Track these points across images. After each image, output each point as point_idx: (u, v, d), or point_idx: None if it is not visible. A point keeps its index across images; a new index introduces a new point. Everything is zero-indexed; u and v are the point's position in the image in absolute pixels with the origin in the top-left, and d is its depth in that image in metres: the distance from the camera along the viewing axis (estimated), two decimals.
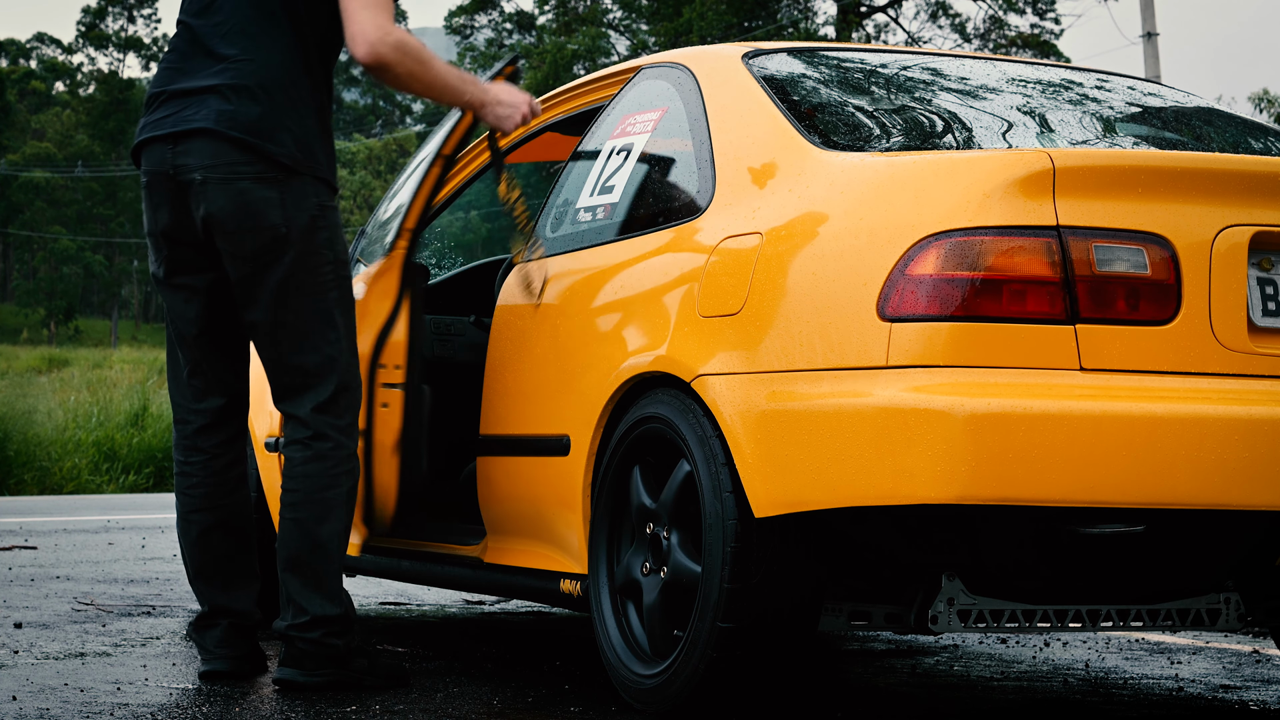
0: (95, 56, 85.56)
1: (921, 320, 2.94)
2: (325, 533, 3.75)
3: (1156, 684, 4.25)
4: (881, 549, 3.23)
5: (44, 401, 16.75)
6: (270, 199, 3.65)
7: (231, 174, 3.64)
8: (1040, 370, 2.92)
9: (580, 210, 4.03)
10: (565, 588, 3.76)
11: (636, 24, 38.41)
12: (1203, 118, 4.00)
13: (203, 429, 3.89)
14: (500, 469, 4.05)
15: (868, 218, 3.10)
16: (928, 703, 3.87)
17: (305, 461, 3.75)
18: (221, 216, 3.65)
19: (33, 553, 7.46)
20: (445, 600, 6.07)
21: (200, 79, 3.70)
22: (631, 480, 3.56)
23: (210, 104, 3.66)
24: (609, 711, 3.56)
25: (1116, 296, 2.97)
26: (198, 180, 3.66)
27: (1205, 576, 3.28)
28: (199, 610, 3.93)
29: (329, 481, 3.76)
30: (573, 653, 4.58)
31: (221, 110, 3.65)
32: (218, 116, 3.65)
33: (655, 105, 3.93)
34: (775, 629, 3.25)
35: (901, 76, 3.91)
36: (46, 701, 3.53)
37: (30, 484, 13.83)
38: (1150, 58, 22.59)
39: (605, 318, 3.70)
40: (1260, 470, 2.91)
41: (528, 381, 3.96)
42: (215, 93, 3.67)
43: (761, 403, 3.16)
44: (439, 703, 3.63)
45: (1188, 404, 2.92)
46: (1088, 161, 3.03)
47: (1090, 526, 2.98)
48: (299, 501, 3.75)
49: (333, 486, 3.76)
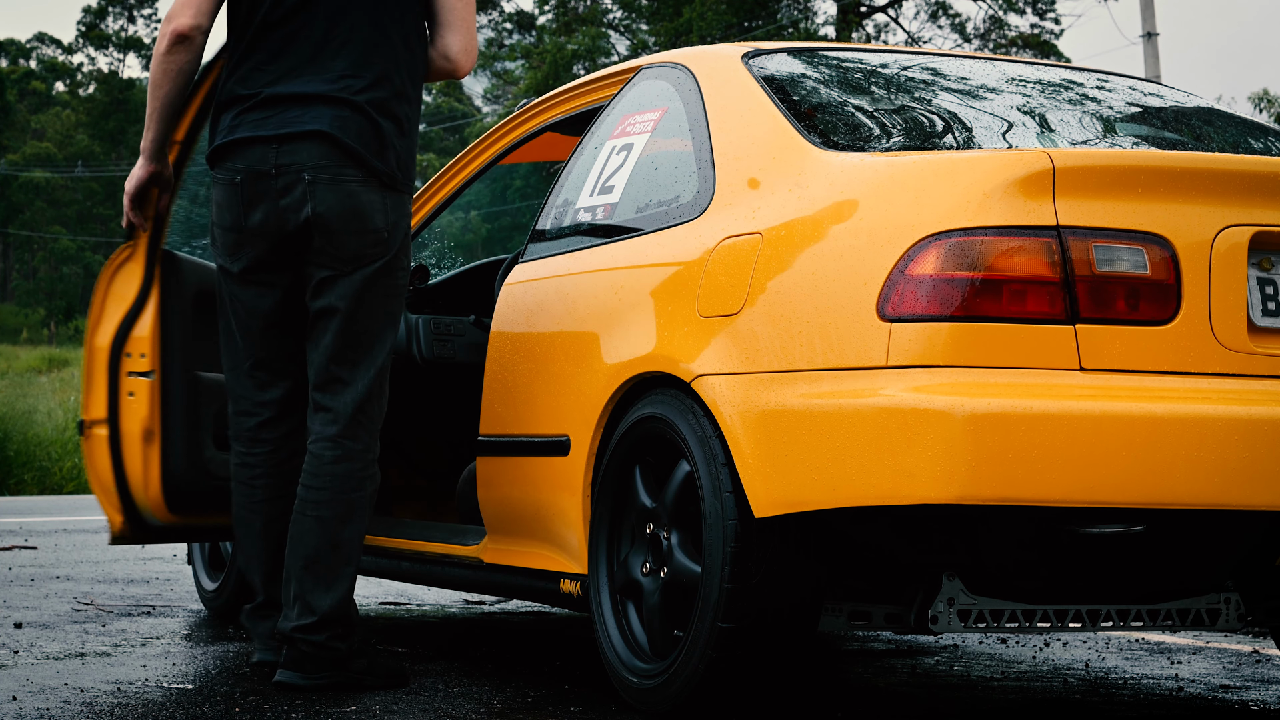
0: (95, 56, 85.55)
1: (921, 320, 2.94)
2: (347, 533, 3.77)
3: (1156, 684, 4.25)
4: (881, 549, 3.23)
5: (44, 401, 16.76)
6: (375, 203, 3.76)
7: (339, 176, 3.73)
8: (1040, 370, 2.92)
9: (580, 210, 4.03)
10: (565, 588, 3.76)
11: (636, 24, 38.41)
12: (1203, 118, 4.00)
13: (266, 421, 3.96)
14: (500, 469, 4.05)
15: (867, 218, 3.10)
16: (928, 703, 3.87)
17: (336, 461, 3.79)
18: (330, 216, 3.74)
19: (33, 553, 7.46)
20: (445, 600, 6.07)
21: (307, 85, 3.77)
22: (631, 480, 3.56)
23: (321, 111, 3.75)
24: (609, 711, 3.56)
25: (1116, 296, 2.97)
26: (306, 180, 3.73)
27: (1205, 576, 3.28)
28: (257, 600, 4.03)
29: (356, 484, 3.79)
30: (573, 653, 4.58)
31: (336, 116, 3.74)
32: (331, 121, 3.73)
33: (655, 105, 3.93)
34: (775, 629, 3.25)
35: (901, 76, 3.91)
36: (46, 701, 3.53)
37: (30, 484, 13.83)
38: (1150, 58, 22.59)
39: (605, 318, 3.70)
40: (1260, 470, 2.91)
41: (528, 382, 3.96)
42: (326, 101, 3.76)
43: (761, 403, 3.16)
44: (439, 703, 3.63)
45: (1188, 404, 2.92)
46: (1087, 161, 3.03)
47: (1090, 526, 2.98)
48: (325, 500, 3.77)
49: (359, 489, 3.80)
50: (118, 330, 4.20)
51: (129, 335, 4.20)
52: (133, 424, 4.19)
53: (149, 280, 4.22)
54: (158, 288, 4.22)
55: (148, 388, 4.19)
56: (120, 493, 4.21)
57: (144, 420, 4.18)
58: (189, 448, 4.21)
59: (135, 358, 4.19)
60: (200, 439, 4.25)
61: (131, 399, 4.19)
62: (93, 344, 4.23)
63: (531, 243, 4.19)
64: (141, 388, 4.18)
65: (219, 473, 4.29)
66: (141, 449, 4.18)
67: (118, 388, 4.20)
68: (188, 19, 3.86)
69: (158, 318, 4.21)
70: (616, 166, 3.93)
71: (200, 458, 4.25)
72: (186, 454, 4.21)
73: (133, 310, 4.21)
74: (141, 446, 4.18)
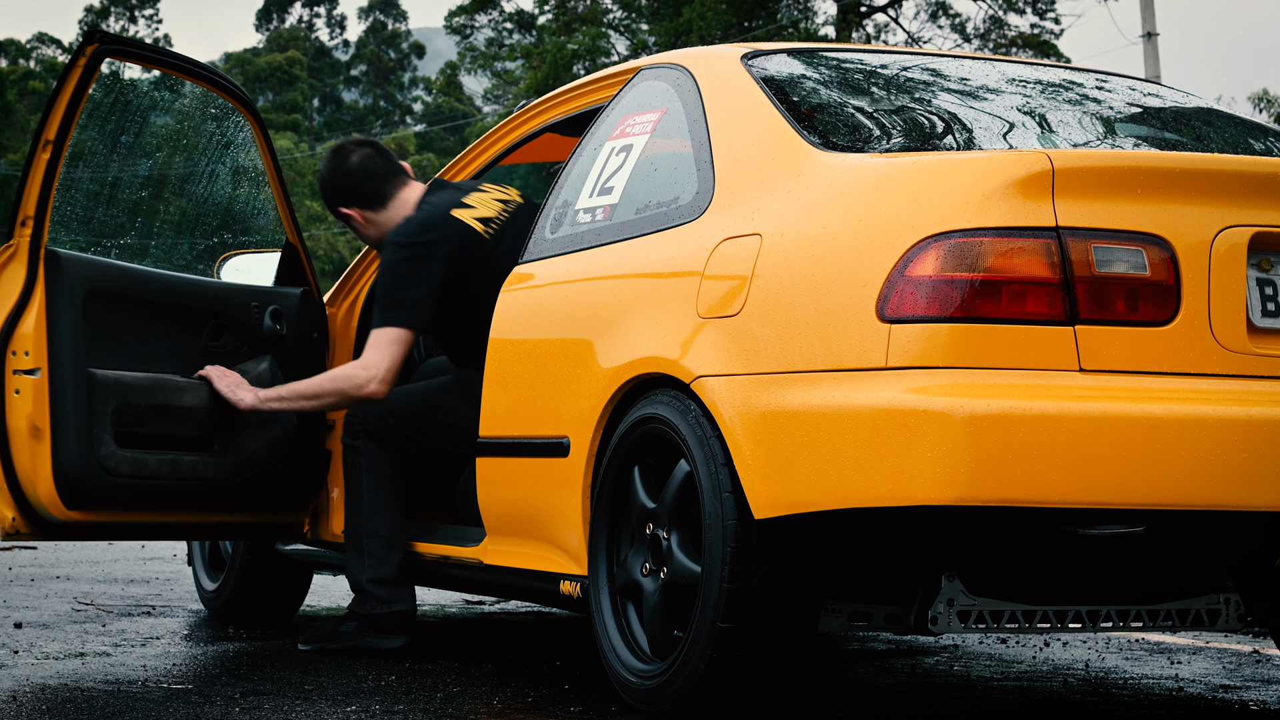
0: None
1: (921, 321, 2.94)
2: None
3: (1156, 684, 4.25)
4: (881, 550, 3.23)
5: None
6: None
7: None
8: (1039, 371, 2.92)
9: (580, 211, 4.03)
10: (565, 589, 3.76)
11: (636, 24, 38.38)
12: (1202, 118, 4.00)
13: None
14: (500, 470, 4.05)
15: (867, 219, 3.10)
16: (928, 703, 3.88)
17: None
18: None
19: (33, 553, 7.46)
20: (445, 600, 6.07)
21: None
22: (631, 481, 3.56)
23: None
24: (609, 711, 3.56)
25: (1116, 297, 2.97)
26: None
27: (1205, 577, 3.28)
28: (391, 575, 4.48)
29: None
30: (573, 653, 4.58)
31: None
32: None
33: (654, 106, 3.93)
34: (775, 629, 3.25)
35: (901, 77, 3.92)
36: (47, 701, 3.53)
37: None
38: (1150, 58, 22.60)
39: (604, 319, 3.70)
40: (1260, 471, 2.91)
41: (527, 383, 3.96)
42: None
43: (761, 404, 3.16)
44: (439, 703, 3.63)
45: (1187, 405, 2.92)
46: (1087, 162, 3.03)
47: (1090, 527, 2.98)
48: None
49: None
50: (1, 328, 4.21)
51: (13, 333, 4.22)
52: (18, 420, 4.21)
53: (32, 278, 4.23)
54: (42, 286, 4.23)
55: (33, 385, 4.20)
56: (10, 488, 4.22)
57: (29, 416, 4.20)
58: (82, 444, 4.21)
59: (20, 355, 4.21)
60: (96, 435, 4.24)
61: (16, 396, 4.21)
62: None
63: (531, 244, 4.19)
64: (26, 385, 4.20)
65: (118, 469, 4.28)
66: (29, 445, 4.20)
67: (2, 385, 4.22)
68: (380, 389, 4.38)
69: (43, 316, 4.22)
70: (616, 167, 3.93)
71: (96, 454, 4.24)
72: (80, 450, 4.21)
73: (16, 308, 4.22)
74: (28, 442, 4.20)
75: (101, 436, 4.25)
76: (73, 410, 4.22)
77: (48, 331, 4.22)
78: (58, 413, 4.22)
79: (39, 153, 4.30)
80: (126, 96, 4.72)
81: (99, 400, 4.26)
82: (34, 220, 4.25)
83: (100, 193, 5.06)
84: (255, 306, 4.70)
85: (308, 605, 5.76)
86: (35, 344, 4.21)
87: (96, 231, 5.52)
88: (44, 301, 4.23)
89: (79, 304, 4.27)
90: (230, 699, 3.63)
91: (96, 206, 5.25)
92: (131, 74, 5.08)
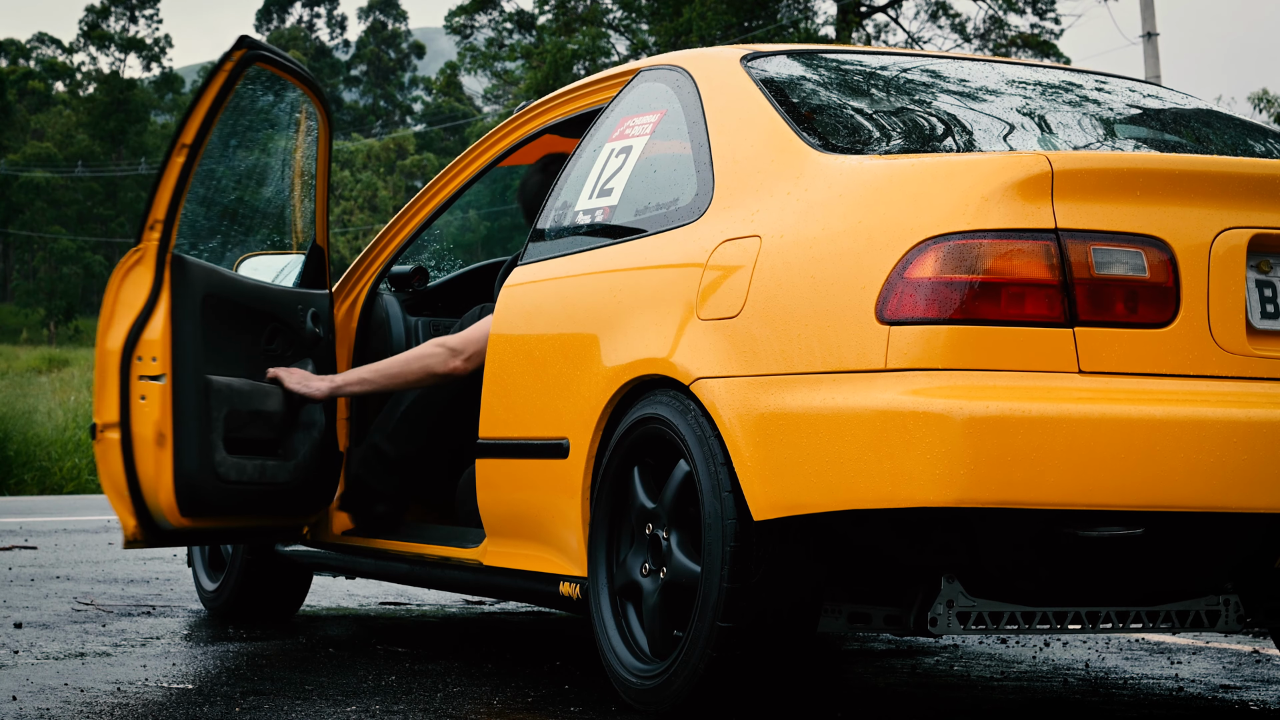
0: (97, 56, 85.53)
1: (920, 323, 2.94)
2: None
3: (1156, 684, 4.26)
4: (881, 551, 3.23)
5: (44, 401, 16.77)
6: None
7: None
8: (1039, 373, 2.93)
9: (579, 212, 4.03)
10: (565, 590, 3.77)
11: (636, 24, 38.38)
12: (1202, 119, 4.00)
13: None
14: (499, 472, 4.05)
15: (866, 220, 3.10)
16: (928, 703, 3.88)
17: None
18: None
19: (33, 553, 7.46)
20: (445, 600, 6.07)
21: None
22: (631, 482, 3.56)
23: None
24: (609, 711, 3.57)
25: (1115, 299, 2.97)
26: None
27: (1204, 578, 3.28)
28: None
29: None
30: (573, 653, 4.59)
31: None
32: None
33: (654, 108, 3.93)
34: (775, 629, 3.25)
35: (901, 79, 3.92)
36: (46, 701, 3.53)
37: (30, 484, 13.84)
38: (1150, 58, 22.59)
39: (604, 320, 3.71)
40: (1259, 472, 2.91)
41: (527, 384, 3.96)
42: None
43: (760, 406, 3.16)
44: (439, 703, 3.64)
45: (1186, 406, 2.92)
46: (1086, 164, 3.03)
47: (1089, 529, 2.98)
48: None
49: None
50: (128, 334, 4.21)
51: (139, 339, 4.22)
52: (144, 427, 4.21)
53: (159, 284, 4.23)
54: (168, 291, 4.23)
55: (159, 391, 4.20)
56: (132, 496, 4.22)
57: (156, 423, 4.20)
58: (201, 451, 4.23)
59: (146, 361, 4.21)
60: (212, 442, 4.26)
61: (143, 403, 4.20)
62: (104, 347, 4.24)
63: (531, 245, 4.19)
64: (153, 391, 4.20)
65: (230, 476, 4.30)
66: (153, 452, 4.20)
67: (129, 391, 4.21)
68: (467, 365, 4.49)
69: (169, 321, 4.22)
70: (615, 169, 3.93)
71: (211, 461, 4.26)
72: (199, 457, 4.23)
73: (143, 314, 4.22)
74: (153, 450, 4.20)
75: (216, 443, 4.27)
76: (194, 417, 4.24)
77: (171, 337, 4.22)
78: (180, 419, 4.22)
79: (174, 156, 4.29)
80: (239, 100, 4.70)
81: (214, 406, 4.28)
82: (163, 224, 4.25)
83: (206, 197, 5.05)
84: (300, 309, 4.73)
85: (308, 605, 5.77)
86: (161, 350, 4.21)
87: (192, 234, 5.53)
88: (169, 307, 4.24)
89: (199, 309, 4.28)
90: (230, 699, 3.63)
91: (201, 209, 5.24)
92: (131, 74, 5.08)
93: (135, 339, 4.21)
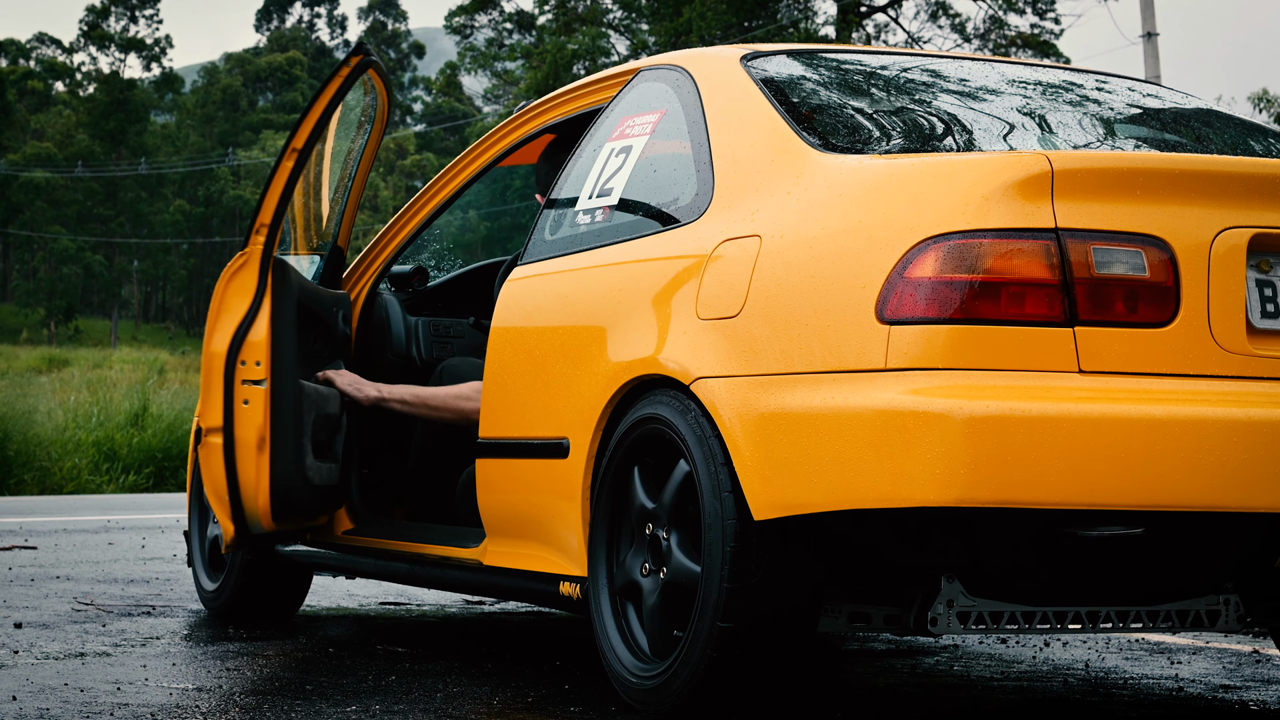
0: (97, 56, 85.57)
1: (920, 323, 2.94)
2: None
3: (1156, 684, 4.26)
4: (880, 551, 3.23)
5: (44, 401, 16.76)
6: None
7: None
8: (1039, 373, 2.93)
9: (579, 213, 4.03)
10: (565, 590, 3.77)
11: (636, 24, 38.39)
12: (1202, 119, 4.00)
13: None
14: (499, 472, 4.05)
15: (866, 220, 3.10)
16: (928, 703, 3.88)
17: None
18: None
19: (33, 553, 7.46)
20: (445, 600, 6.07)
21: None
22: (631, 481, 3.56)
23: None
24: (609, 711, 3.57)
25: (1115, 299, 2.97)
26: None
27: (1204, 578, 3.28)
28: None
29: None
30: (573, 653, 4.59)
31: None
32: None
33: (654, 107, 3.93)
34: (775, 629, 3.25)
35: (901, 78, 3.92)
36: (46, 701, 3.53)
37: (30, 484, 13.84)
38: (1150, 58, 22.59)
39: (604, 320, 3.71)
40: (1259, 472, 2.91)
41: (527, 384, 3.96)
42: None
43: (760, 405, 3.16)
44: (439, 703, 3.64)
45: (1186, 406, 2.92)
46: (1086, 164, 3.03)
47: (1089, 529, 2.98)
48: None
49: None
50: (233, 337, 4.21)
51: (244, 342, 4.22)
52: (247, 432, 4.21)
53: (262, 287, 4.23)
54: (270, 295, 4.23)
55: (262, 396, 4.20)
56: (232, 501, 4.22)
57: (258, 428, 4.21)
58: (295, 455, 4.23)
59: (250, 365, 4.22)
60: (303, 446, 4.27)
61: (246, 407, 4.21)
62: (209, 350, 4.24)
63: (531, 245, 4.19)
64: (256, 395, 4.20)
65: (315, 480, 4.31)
66: (254, 457, 4.21)
67: (232, 395, 4.21)
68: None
69: (270, 325, 4.22)
70: (615, 169, 3.93)
71: (303, 465, 4.26)
72: (293, 462, 4.23)
73: (247, 317, 4.22)
74: (254, 455, 4.21)
75: (306, 447, 4.29)
76: (290, 422, 4.25)
77: (271, 341, 4.22)
78: (277, 424, 4.23)
79: (284, 160, 4.30)
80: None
81: (305, 411, 4.28)
82: (269, 228, 4.25)
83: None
84: (334, 310, 4.74)
85: (308, 605, 5.77)
86: (264, 354, 4.22)
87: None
88: (271, 310, 4.23)
89: (294, 312, 4.28)
90: (230, 699, 3.63)
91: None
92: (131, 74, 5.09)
93: (240, 342, 4.21)
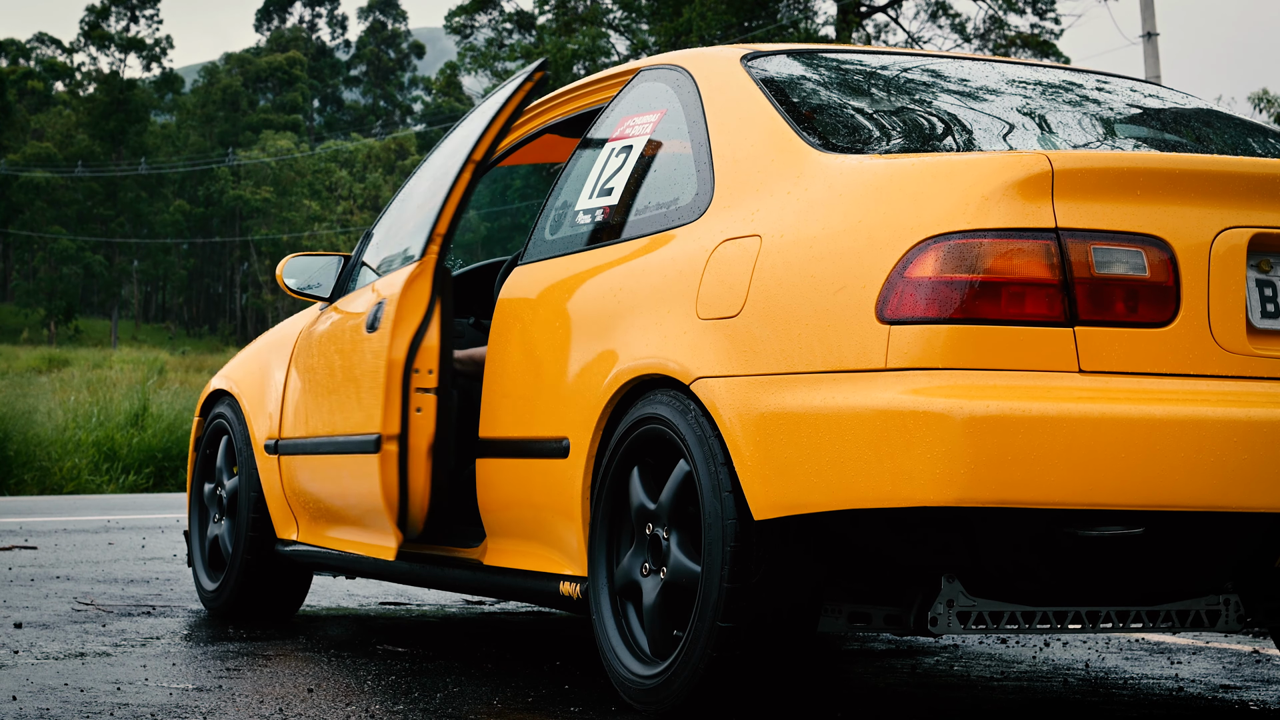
0: (97, 56, 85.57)
1: (920, 323, 2.94)
2: None
3: (1156, 684, 4.26)
4: (881, 551, 3.23)
5: (44, 401, 16.76)
6: None
7: None
8: (1039, 372, 2.93)
9: (579, 212, 4.03)
10: (565, 590, 3.77)
11: (636, 24, 38.40)
12: (1202, 119, 4.00)
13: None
14: (499, 471, 4.05)
15: (866, 220, 3.10)
16: (928, 703, 3.88)
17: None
18: None
19: (33, 553, 7.47)
20: (445, 600, 6.07)
21: None
22: (630, 481, 3.56)
23: None
24: (609, 711, 3.57)
25: (1115, 298, 2.97)
26: None
27: (1205, 578, 3.28)
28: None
29: None
30: (573, 653, 4.59)
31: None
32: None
33: (654, 107, 3.93)
34: (775, 629, 3.25)
35: (901, 78, 3.92)
36: (46, 701, 3.53)
37: (30, 484, 13.84)
38: (1150, 58, 22.59)
39: (604, 320, 3.71)
40: (1259, 472, 2.91)
41: (527, 384, 3.96)
42: None
43: (760, 405, 3.16)
44: (439, 703, 3.64)
45: (1187, 406, 2.92)
46: (1086, 164, 3.03)
47: (1089, 529, 2.98)
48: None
49: None
50: (410, 344, 4.23)
51: (419, 349, 4.24)
52: (420, 440, 4.23)
53: (435, 294, 4.25)
54: (440, 304, 4.25)
55: (432, 403, 4.23)
56: (400, 508, 4.25)
57: (429, 437, 4.23)
58: (448, 463, 4.26)
59: (424, 373, 4.23)
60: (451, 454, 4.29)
61: (418, 414, 4.22)
62: (389, 358, 4.25)
63: (531, 244, 4.20)
64: (428, 403, 4.23)
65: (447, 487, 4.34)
66: (424, 465, 4.23)
67: (407, 403, 4.23)
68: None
69: (440, 334, 4.25)
70: (616, 169, 3.93)
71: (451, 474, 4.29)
72: (445, 469, 4.26)
73: (422, 325, 4.24)
74: (425, 463, 4.23)
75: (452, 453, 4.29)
76: (449, 429, 4.27)
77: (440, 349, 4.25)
78: (440, 431, 4.25)
79: (463, 173, 4.31)
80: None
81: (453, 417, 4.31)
82: (443, 238, 4.28)
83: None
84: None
85: (307, 605, 5.77)
86: (435, 361, 4.24)
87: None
88: (441, 318, 4.25)
89: (453, 320, 4.31)
90: (231, 698, 3.63)
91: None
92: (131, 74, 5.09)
93: (414, 350, 4.23)
